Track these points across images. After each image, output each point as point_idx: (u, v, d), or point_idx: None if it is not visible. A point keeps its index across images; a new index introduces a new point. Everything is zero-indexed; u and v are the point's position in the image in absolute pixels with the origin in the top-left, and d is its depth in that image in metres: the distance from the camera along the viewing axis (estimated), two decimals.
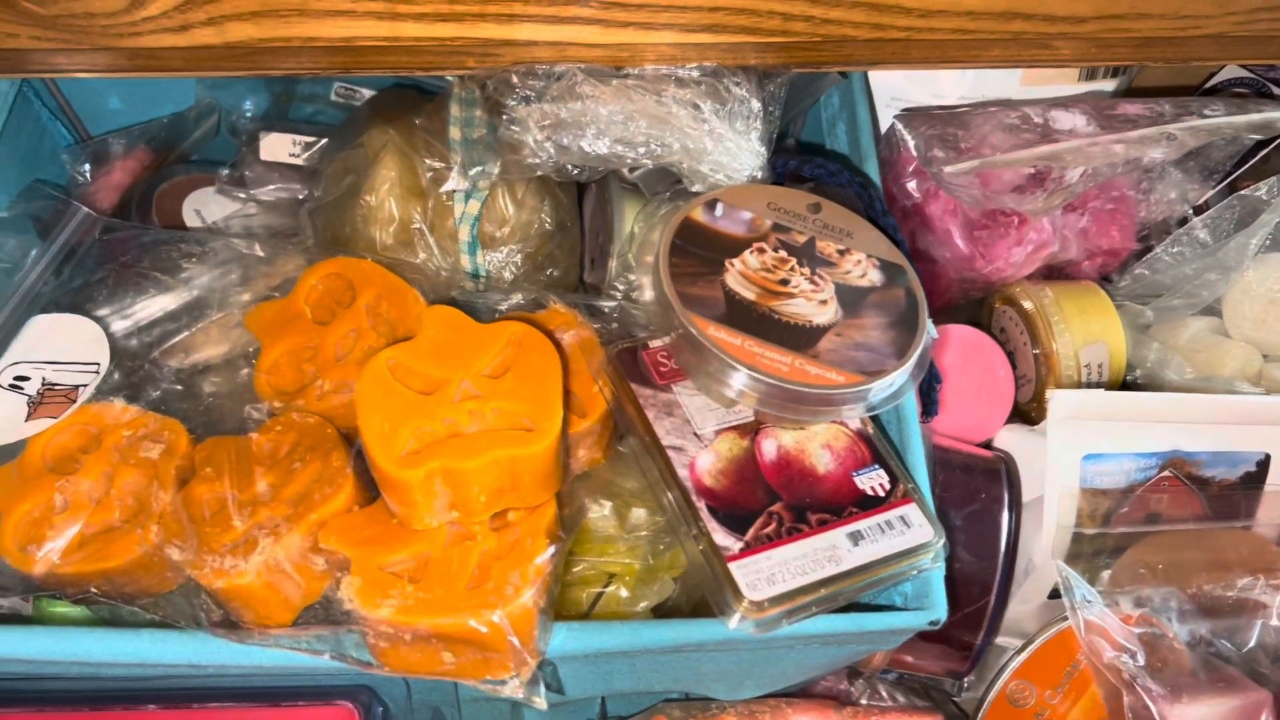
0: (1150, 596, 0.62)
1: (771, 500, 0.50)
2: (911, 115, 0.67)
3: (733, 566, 0.47)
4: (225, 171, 0.73)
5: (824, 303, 0.53)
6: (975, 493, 0.61)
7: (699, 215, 0.55)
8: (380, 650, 0.49)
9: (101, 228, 0.67)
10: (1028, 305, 0.69)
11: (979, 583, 0.59)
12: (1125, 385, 0.71)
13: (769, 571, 0.47)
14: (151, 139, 0.75)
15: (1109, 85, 0.74)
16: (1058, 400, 0.61)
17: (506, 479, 0.50)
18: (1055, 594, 0.65)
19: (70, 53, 0.58)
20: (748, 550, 0.48)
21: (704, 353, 0.50)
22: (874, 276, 0.55)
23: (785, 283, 0.53)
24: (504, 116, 0.59)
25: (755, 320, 0.51)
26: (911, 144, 0.64)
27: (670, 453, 0.51)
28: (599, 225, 0.70)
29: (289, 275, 0.64)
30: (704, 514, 0.49)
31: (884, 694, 0.67)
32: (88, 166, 0.72)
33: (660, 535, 0.55)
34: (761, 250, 0.54)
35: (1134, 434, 0.62)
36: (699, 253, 0.54)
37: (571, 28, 0.57)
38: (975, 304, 0.76)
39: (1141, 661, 0.58)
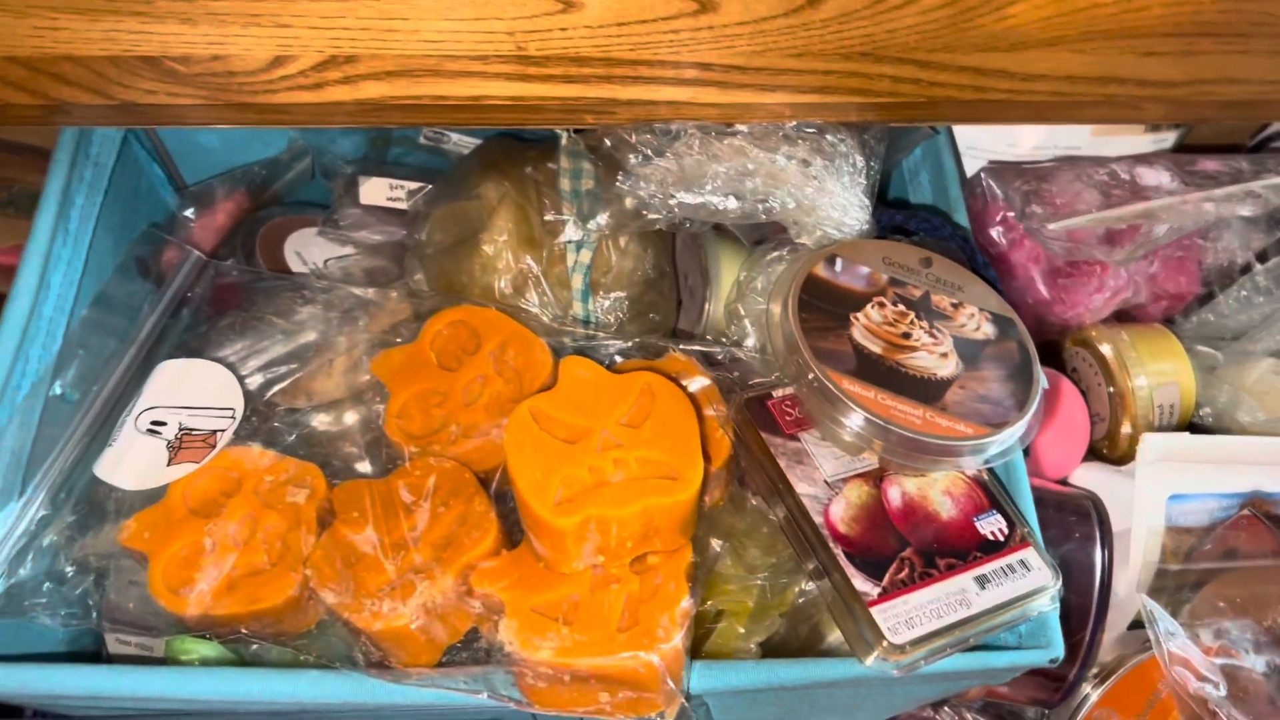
0: (1228, 629, 0.65)
1: (901, 546, 0.53)
2: (1001, 169, 0.70)
3: (874, 611, 0.50)
4: (325, 214, 0.75)
5: (945, 356, 0.56)
6: (1070, 531, 0.64)
7: (820, 270, 0.58)
8: (536, 690, 0.51)
9: (214, 272, 0.68)
10: (1105, 349, 0.72)
11: (1075, 617, 0.62)
12: (1193, 424, 0.74)
13: (907, 616, 0.50)
14: (249, 182, 0.77)
15: (1171, 136, 0.77)
16: (1147, 443, 0.64)
17: (651, 525, 0.52)
18: (1134, 624, 0.68)
19: (204, 108, 0.60)
20: (885, 595, 0.51)
21: (838, 405, 0.53)
22: (988, 329, 0.58)
23: (907, 336, 0.56)
24: (621, 172, 0.61)
25: (884, 373, 0.54)
26: (1002, 197, 0.67)
27: (805, 500, 0.53)
28: (688, 268, 0.72)
29: (399, 319, 0.66)
30: (842, 560, 0.51)
31: None
32: (192, 210, 0.73)
33: (776, 575, 0.58)
34: (881, 304, 0.57)
35: (1217, 475, 0.65)
36: (824, 307, 0.56)
37: (692, 89, 0.59)
38: (1043, 344, 0.79)
39: (1224, 692, 0.61)
